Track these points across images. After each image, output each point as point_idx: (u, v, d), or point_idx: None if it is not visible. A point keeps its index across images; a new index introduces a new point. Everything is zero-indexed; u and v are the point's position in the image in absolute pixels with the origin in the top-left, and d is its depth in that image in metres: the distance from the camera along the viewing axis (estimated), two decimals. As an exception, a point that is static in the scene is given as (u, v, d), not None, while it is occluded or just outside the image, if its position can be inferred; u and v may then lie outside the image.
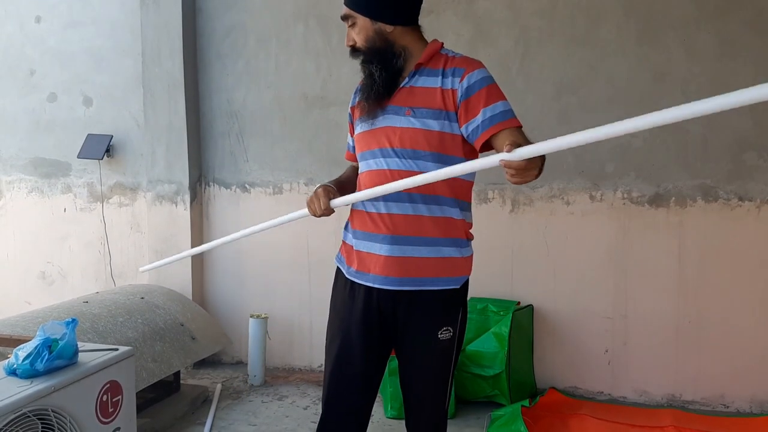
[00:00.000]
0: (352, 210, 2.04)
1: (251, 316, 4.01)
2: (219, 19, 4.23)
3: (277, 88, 4.17)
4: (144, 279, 4.39)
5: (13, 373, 1.95)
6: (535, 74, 3.74)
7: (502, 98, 1.88)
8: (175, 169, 4.24)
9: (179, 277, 4.23)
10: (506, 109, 1.86)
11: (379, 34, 1.95)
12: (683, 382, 3.63)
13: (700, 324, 3.59)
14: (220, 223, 4.32)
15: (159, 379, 3.19)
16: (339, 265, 2.09)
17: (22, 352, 1.97)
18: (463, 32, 3.80)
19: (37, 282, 4.73)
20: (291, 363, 4.26)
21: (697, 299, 3.59)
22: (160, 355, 3.23)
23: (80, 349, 2.12)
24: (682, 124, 3.56)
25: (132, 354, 2.27)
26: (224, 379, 4.04)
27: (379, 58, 1.96)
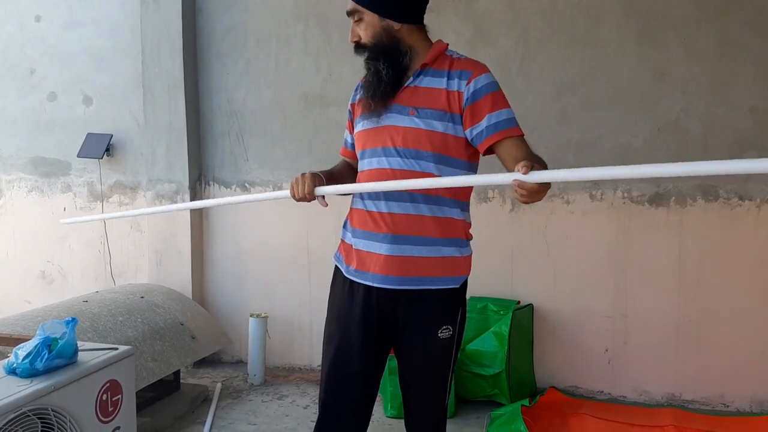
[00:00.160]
0: (352, 209, 2.03)
1: (251, 316, 4.01)
2: (219, 18, 4.23)
3: (277, 88, 4.17)
4: (144, 278, 4.39)
5: (12, 372, 1.95)
6: (535, 74, 3.74)
7: (507, 105, 1.90)
8: (175, 168, 4.24)
9: (179, 277, 4.23)
10: (510, 117, 1.88)
11: (387, 32, 1.93)
12: (683, 382, 3.63)
13: (700, 323, 3.59)
14: (219, 223, 4.32)
15: (159, 378, 3.19)
16: (337, 264, 2.08)
17: (22, 351, 1.97)
18: (463, 32, 3.80)
19: (36, 281, 4.73)
20: (291, 362, 4.26)
21: (697, 298, 3.59)
22: (159, 355, 3.23)
23: (80, 349, 2.12)
24: (682, 123, 3.56)
25: (132, 353, 2.27)
26: (224, 379, 4.04)
27: (385, 56, 1.93)
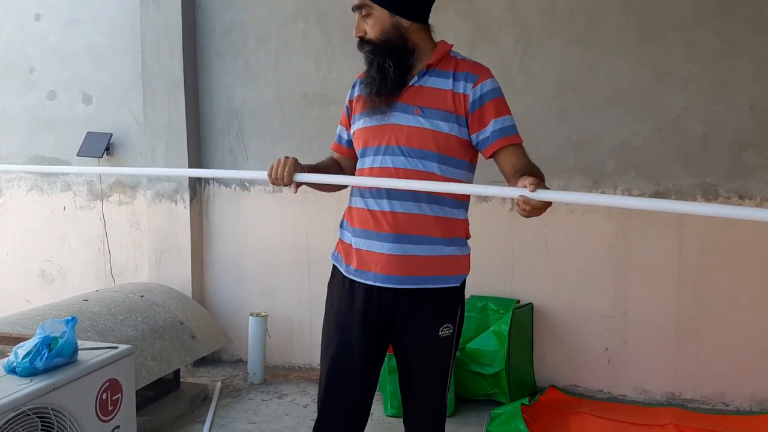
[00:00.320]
0: (351, 208, 2.03)
1: (251, 315, 4.01)
2: (219, 16, 4.22)
3: (277, 86, 4.16)
4: (144, 277, 4.39)
5: (12, 371, 1.95)
6: (535, 73, 3.74)
7: (510, 112, 1.94)
8: (174, 167, 4.23)
9: (179, 276, 4.23)
10: (512, 124, 1.92)
11: (396, 29, 1.93)
12: (683, 381, 3.64)
13: (699, 322, 3.59)
14: (219, 222, 4.32)
15: (159, 377, 3.19)
16: (336, 264, 2.07)
17: (22, 350, 1.96)
18: (463, 30, 3.79)
19: (36, 280, 4.73)
20: (291, 361, 4.26)
21: (696, 297, 3.59)
22: (159, 354, 3.23)
23: (80, 348, 2.12)
24: (683, 122, 3.56)
25: (132, 352, 2.27)
26: (224, 378, 4.04)
27: (392, 53, 1.92)
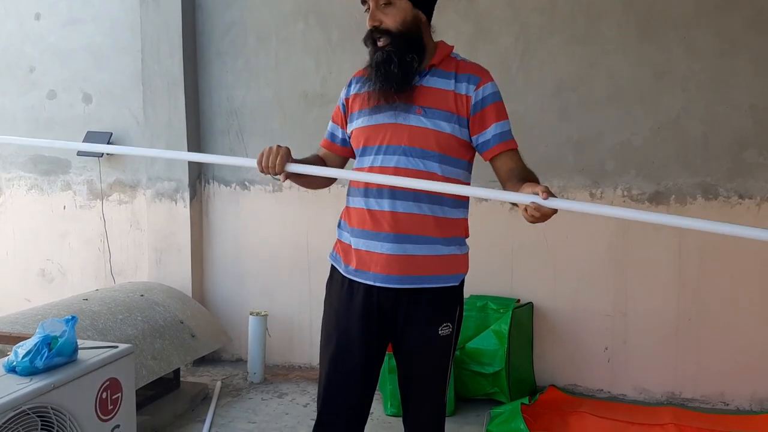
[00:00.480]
0: (349, 208, 2.02)
1: (251, 314, 4.01)
2: (218, 16, 4.22)
3: (277, 86, 4.16)
4: (144, 276, 4.39)
5: (12, 370, 1.95)
6: (535, 71, 3.74)
7: (507, 117, 1.96)
8: (174, 166, 4.23)
9: (179, 275, 4.23)
10: (510, 128, 1.96)
11: (415, 22, 1.93)
12: (683, 380, 3.63)
13: (699, 322, 3.59)
14: (219, 221, 4.31)
15: (159, 376, 3.19)
16: (334, 264, 2.07)
17: (22, 349, 1.96)
18: (464, 29, 3.79)
19: (36, 279, 4.73)
20: (291, 360, 4.26)
21: (696, 297, 3.59)
22: (159, 353, 3.23)
23: (80, 347, 2.12)
24: (683, 122, 3.56)
25: (132, 351, 2.27)
26: (224, 377, 4.04)
27: (412, 46, 1.90)
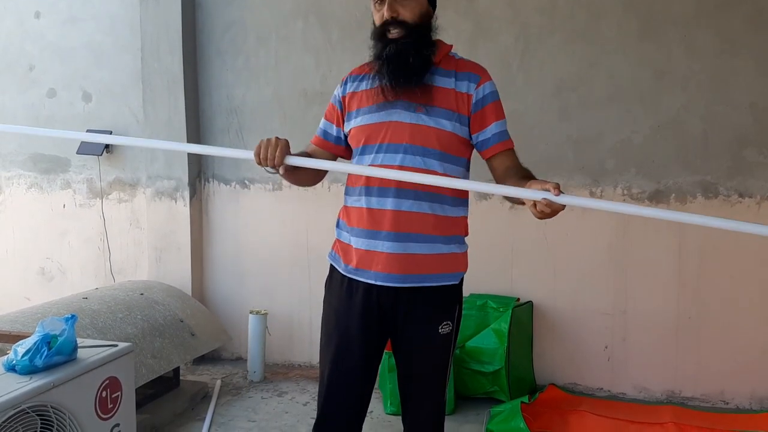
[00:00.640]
0: (348, 207, 2.01)
1: (251, 312, 4.01)
2: (218, 15, 4.22)
3: (277, 85, 4.16)
4: (143, 275, 4.39)
5: (12, 369, 1.95)
6: (536, 71, 3.73)
7: (504, 116, 1.98)
8: (174, 165, 4.23)
9: (179, 274, 4.23)
10: (507, 128, 1.98)
11: (428, 17, 1.96)
12: (683, 379, 3.64)
13: (699, 320, 3.59)
14: (219, 220, 4.31)
15: (158, 375, 3.19)
16: (333, 263, 2.07)
17: (22, 348, 1.97)
18: (464, 28, 3.78)
19: (36, 278, 4.73)
20: (290, 359, 4.26)
21: (696, 296, 3.59)
22: (159, 351, 3.23)
23: (79, 345, 2.12)
24: (683, 120, 3.56)
25: (131, 350, 2.27)
26: (224, 375, 4.04)
27: (428, 41, 1.93)
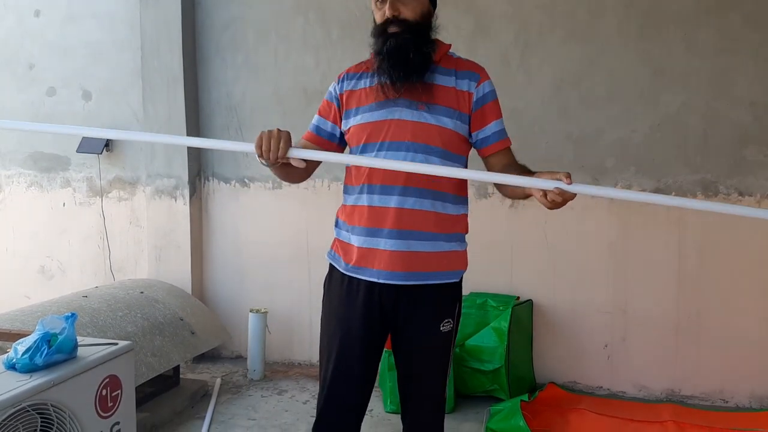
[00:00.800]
0: (348, 206, 2.01)
1: (251, 311, 4.01)
2: (218, 12, 4.21)
3: (277, 82, 4.16)
4: (143, 274, 4.39)
5: (12, 367, 1.95)
6: (536, 68, 3.73)
7: (502, 115, 2.00)
8: (174, 163, 4.23)
9: (179, 272, 4.23)
10: (504, 127, 2.00)
11: (428, 16, 1.98)
12: (682, 377, 3.64)
13: (699, 319, 3.59)
14: (219, 218, 4.31)
15: (158, 373, 3.19)
16: (333, 263, 2.07)
17: (22, 346, 1.97)
18: (464, 26, 3.78)
19: (36, 276, 4.73)
20: (290, 358, 4.26)
21: (696, 294, 3.59)
22: (159, 350, 3.23)
23: (79, 344, 2.12)
24: (683, 119, 3.56)
25: (131, 348, 2.27)
26: (224, 374, 4.04)
27: (428, 39, 1.93)
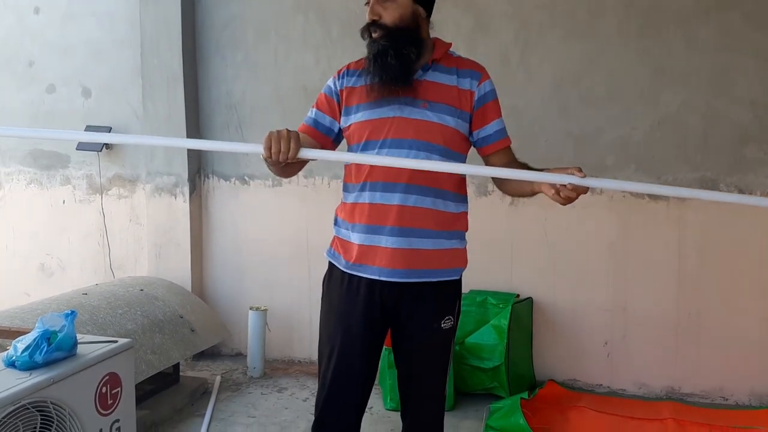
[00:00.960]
0: (347, 204, 2.01)
1: (251, 309, 4.01)
2: (218, 10, 4.20)
3: (277, 81, 4.15)
4: (143, 271, 4.39)
5: (12, 365, 1.95)
6: (536, 67, 3.73)
7: (501, 114, 2.01)
8: (174, 161, 4.23)
9: (179, 270, 4.22)
10: (504, 126, 2.02)
11: (414, 18, 1.95)
12: (682, 375, 3.64)
13: (699, 317, 3.60)
14: (219, 216, 4.31)
15: (158, 371, 3.20)
16: (333, 261, 2.06)
17: (21, 344, 1.97)
18: (464, 24, 3.78)
19: (36, 274, 4.73)
20: (290, 355, 4.26)
21: (696, 292, 3.59)
22: (159, 347, 3.23)
23: (79, 341, 2.13)
24: (683, 117, 3.56)
25: (131, 346, 2.27)
26: (224, 371, 4.04)
27: (410, 41, 1.92)
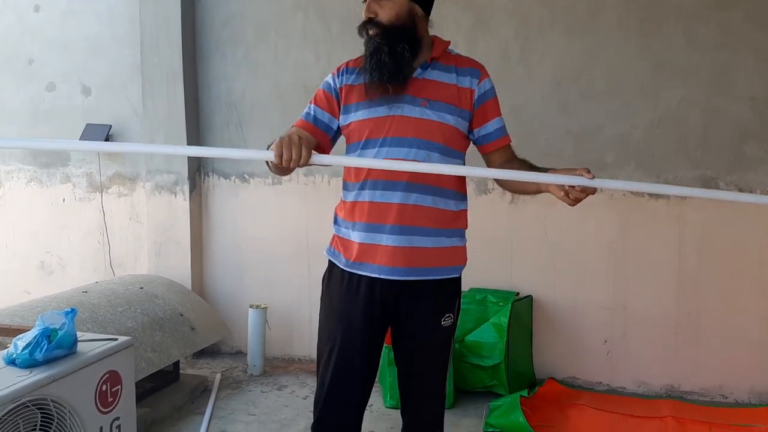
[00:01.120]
0: (347, 202, 2.01)
1: (251, 307, 4.01)
2: (218, 8, 4.20)
3: (277, 78, 4.15)
4: (143, 269, 4.39)
5: (12, 362, 1.95)
6: (536, 63, 3.72)
7: (501, 112, 2.02)
8: (174, 159, 4.22)
9: (179, 268, 4.22)
10: (504, 124, 2.02)
11: (410, 16, 1.94)
12: (682, 373, 3.64)
13: (699, 315, 3.59)
14: (219, 214, 4.31)
15: (158, 369, 3.20)
16: (332, 259, 2.06)
17: (21, 341, 1.97)
18: (464, 21, 3.77)
19: (36, 272, 4.73)
20: (290, 353, 4.26)
21: (696, 291, 3.59)
22: (159, 345, 3.24)
23: (79, 339, 2.13)
24: (683, 114, 3.55)
25: (131, 344, 2.27)
26: (224, 369, 4.04)
27: (405, 39, 1.90)
